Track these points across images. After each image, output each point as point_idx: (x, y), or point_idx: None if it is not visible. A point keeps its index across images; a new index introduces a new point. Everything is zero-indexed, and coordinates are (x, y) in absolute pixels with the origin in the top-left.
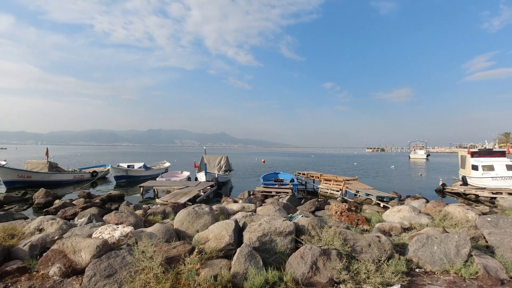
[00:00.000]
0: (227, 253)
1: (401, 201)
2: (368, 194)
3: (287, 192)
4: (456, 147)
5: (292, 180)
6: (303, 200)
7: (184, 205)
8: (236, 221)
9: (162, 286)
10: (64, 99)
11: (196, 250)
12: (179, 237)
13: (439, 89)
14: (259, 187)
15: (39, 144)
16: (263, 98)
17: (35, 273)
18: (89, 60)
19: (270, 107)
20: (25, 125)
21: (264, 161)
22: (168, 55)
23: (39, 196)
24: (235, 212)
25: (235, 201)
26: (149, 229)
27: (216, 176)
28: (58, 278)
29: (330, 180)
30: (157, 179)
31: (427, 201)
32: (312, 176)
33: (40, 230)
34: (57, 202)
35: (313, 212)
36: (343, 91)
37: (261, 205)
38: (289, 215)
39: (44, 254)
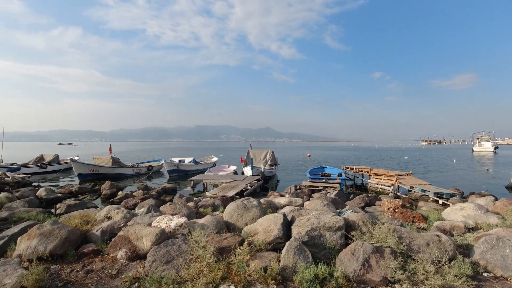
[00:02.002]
0: (276, 246)
1: (463, 198)
2: (424, 190)
3: (335, 187)
4: None
5: (339, 175)
6: (351, 195)
7: (232, 199)
8: (284, 215)
9: (215, 274)
10: (121, 99)
11: (245, 242)
12: (229, 229)
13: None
14: (305, 181)
15: (103, 141)
16: (307, 91)
17: (106, 255)
18: (142, 63)
19: (314, 100)
20: (91, 124)
21: (309, 155)
22: (213, 53)
23: (105, 187)
24: (282, 206)
25: (282, 195)
26: (201, 221)
27: (262, 170)
28: (124, 261)
29: (381, 175)
30: (205, 173)
31: (496, 199)
32: (361, 171)
33: (108, 218)
34: (120, 194)
35: (362, 208)
36: (394, 81)
37: (309, 199)
38: (337, 210)
39: (113, 239)
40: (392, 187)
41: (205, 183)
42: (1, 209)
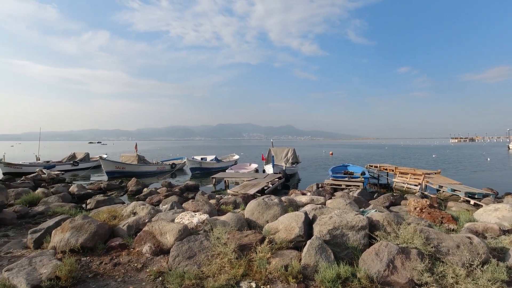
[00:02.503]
0: (297, 245)
1: (498, 198)
2: (454, 190)
3: (358, 186)
4: None
5: (363, 173)
6: (375, 194)
7: (253, 196)
8: (306, 213)
9: (236, 271)
10: (147, 99)
11: (266, 240)
12: (250, 227)
13: None
14: (327, 179)
15: (129, 140)
16: (330, 88)
17: (132, 249)
18: (166, 63)
19: (337, 97)
20: (118, 123)
21: (332, 153)
22: (234, 51)
23: (131, 184)
24: (304, 204)
25: (303, 194)
26: (222, 218)
27: (284, 168)
28: (149, 256)
29: (407, 173)
30: (226, 171)
31: None
32: (386, 169)
33: (134, 214)
34: (145, 190)
35: (387, 207)
36: (421, 75)
37: (331, 198)
38: (361, 209)
39: (138, 234)
40: (419, 186)
41: (226, 181)
42: (38, 203)
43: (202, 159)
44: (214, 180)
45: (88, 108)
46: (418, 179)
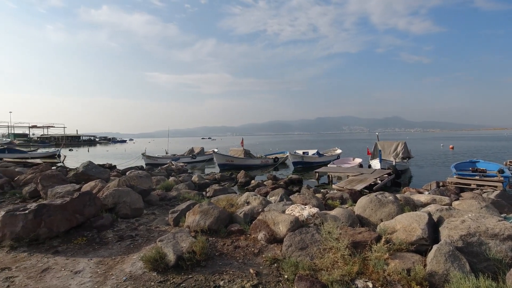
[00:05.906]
0: (419, 248)
1: None
2: None
3: (495, 186)
4: None
5: (501, 171)
6: None
7: (360, 192)
8: (429, 214)
9: (350, 267)
10: (248, 96)
11: (383, 239)
12: (362, 224)
13: None
14: (451, 177)
15: (234, 135)
16: (448, 71)
17: (248, 235)
18: (264, 61)
19: (458, 80)
20: (224, 120)
21: (452, 147)
22: (332, 41)
23: (241, 176)
24: (423, 204)
25: (420, 192)
26: (332, 212)
27: (394, 163)
28: (264, 243)
29: None
30: (328, 165)
31: None
32: None
33: (247, 203)
34: (253, 182)
35: None
36: None
37: (457, 199)
38: (502, 215)
39: (253, 222)
40: None
41: (330, 176)
42: (171, 189)
43: (304, 153)
44: (317, 174)
45: (200, 107)
46: None
